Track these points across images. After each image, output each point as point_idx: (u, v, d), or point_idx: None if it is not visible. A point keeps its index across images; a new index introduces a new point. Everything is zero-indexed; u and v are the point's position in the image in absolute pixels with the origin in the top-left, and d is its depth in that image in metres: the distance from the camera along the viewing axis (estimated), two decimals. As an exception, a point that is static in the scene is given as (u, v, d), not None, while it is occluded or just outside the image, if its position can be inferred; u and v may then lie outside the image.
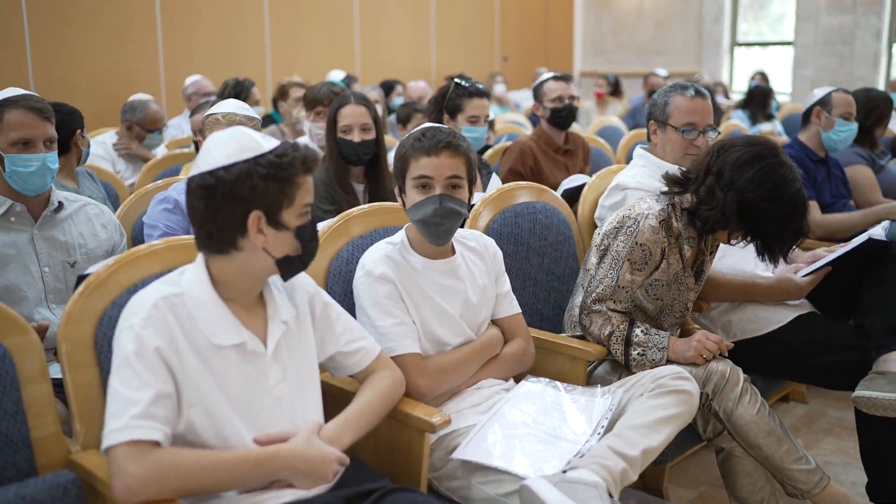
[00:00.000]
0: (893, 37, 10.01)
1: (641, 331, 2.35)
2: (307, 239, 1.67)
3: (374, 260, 2.08)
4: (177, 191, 2.70)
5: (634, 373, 2.24)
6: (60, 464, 1.67)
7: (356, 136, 3.08)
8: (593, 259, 2.48)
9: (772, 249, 2.33)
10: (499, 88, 9.11)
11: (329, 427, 1.76)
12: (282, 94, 5.16)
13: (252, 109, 2.83)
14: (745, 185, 2.26)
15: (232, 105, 2.77)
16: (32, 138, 2.29)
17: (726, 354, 2.38)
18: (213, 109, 2.76)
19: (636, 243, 2.36)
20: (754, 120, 7.34)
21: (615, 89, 9.12)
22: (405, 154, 2.07)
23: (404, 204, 2.11)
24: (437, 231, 2.05)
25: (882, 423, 2.46)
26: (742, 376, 2.31)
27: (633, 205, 2.44)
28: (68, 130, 3.14)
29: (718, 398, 2.29)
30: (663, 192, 2.45)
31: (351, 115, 3.08)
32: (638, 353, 2.34)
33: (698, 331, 2.39)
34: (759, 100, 7.45)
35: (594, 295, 2.40)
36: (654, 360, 2.33)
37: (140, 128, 4.39)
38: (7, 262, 2.29)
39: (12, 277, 2.28)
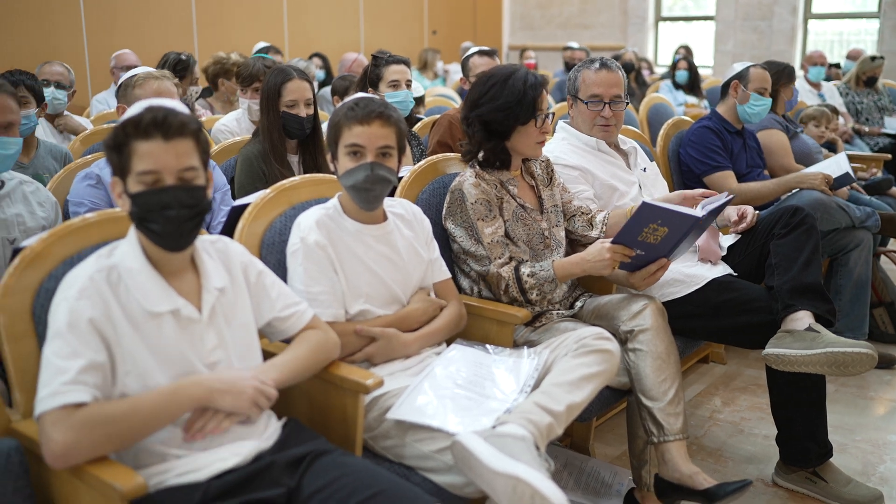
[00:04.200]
0: (809, 12, 10.36)
1: (528, 273, 2.45)
2: (149, 208, 1.65)
3: (308, 226, 2.13)
4: (99, 166, 2.70)
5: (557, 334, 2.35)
6: (1, 432, 1.69)
7: (302, 111, 3.14)
8: (455, 246, 2.57)
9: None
10: (439, 64, 9.29)
11: (250, 368, 1.81)
12: (225, 71, 5.10)
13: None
14: (481, 107, 2.50)
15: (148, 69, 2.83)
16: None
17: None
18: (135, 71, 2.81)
19: (471, 204, 2.48)
20: (698, 95, 7.57)
21: None
22: (339, 122, 2.13)
23: (337, 171, 2.17)
24: (367, 196, 2.13)
25: (789, 378, 2.63)
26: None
27: (451, 186, 2.57)
28: None
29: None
30: (465, 161, 2.62)
31: (297, 90, 3.15)
32: (536, 295, 2.45)
33: (598, 242, 2.44)
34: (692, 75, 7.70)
35: (478, 266, 2.51)
36: (551, 291, 2.46)
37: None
38: None
39: None
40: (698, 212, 2.43)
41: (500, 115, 2.49)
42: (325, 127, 3.31)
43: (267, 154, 3.12)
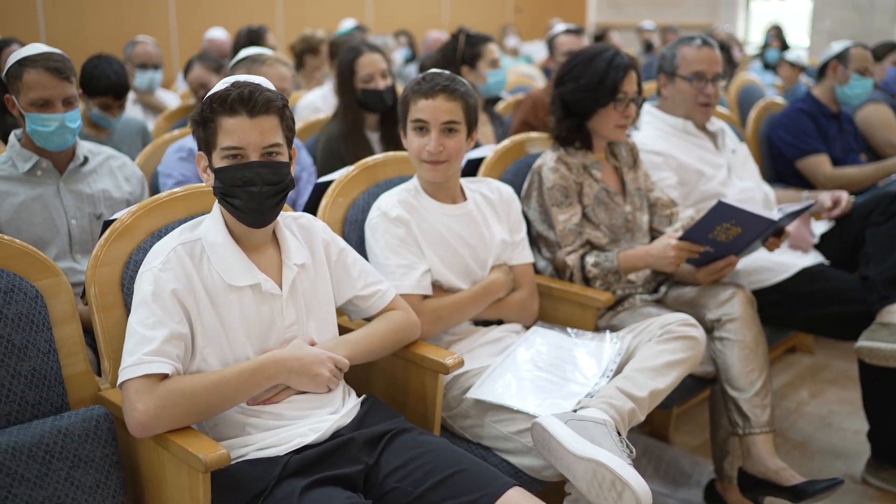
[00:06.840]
0: (914, -11, 9.84)
1: (592, 263, 2.40)
2: (232, 183, 1.66)
3: (390, 203, 2.13)
4: (191, 140, 2.75)
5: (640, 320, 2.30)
6: (91, 400, 1.74)
7: (380, 83, 3.13)
8: (532, 229, 2.51)
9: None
10: (511, 41, 9.02)
11: (324, 342, 1.82)
12: (311, 48, 5.12)
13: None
14: (564, 85, 2.47)
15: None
16: (50, 98, 2.27)
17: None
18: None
19: (548, 189, 2.43)
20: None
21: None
22: (406, 97, 2.11)
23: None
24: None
25: (883, 373, 2.53)
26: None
27: (532, 167, 2.52)
28: None
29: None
30: (551, 139, 2.56)
31: (370, 63, 3.14)
32: (600, 285, 2.40)
33: (664, 238, 2.38)
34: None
35: (548, 252, 2.48)
36: (615, 281, 2.41)
37: (130, 64, 4.37)
38: (34, 215, 2.32)
39: (39, 231, 2.32)
40: (774, 214, 2.37)
41: (580, 95, 2.45)
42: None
43: (342, 133, 3.12)
